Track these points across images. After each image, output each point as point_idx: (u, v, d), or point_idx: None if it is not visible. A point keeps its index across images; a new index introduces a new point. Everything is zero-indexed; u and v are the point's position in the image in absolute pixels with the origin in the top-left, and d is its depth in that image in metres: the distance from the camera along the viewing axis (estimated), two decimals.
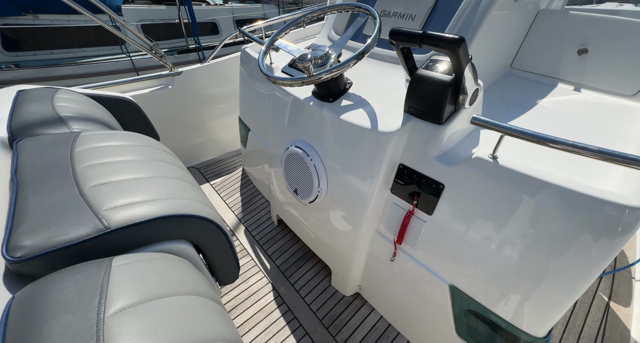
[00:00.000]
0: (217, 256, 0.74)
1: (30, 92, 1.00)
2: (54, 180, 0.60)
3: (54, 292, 0.40)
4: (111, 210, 0.55)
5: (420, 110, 0.76)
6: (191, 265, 0.58)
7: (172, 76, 1.88)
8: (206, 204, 0.72)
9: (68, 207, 0.53)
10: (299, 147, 1.05)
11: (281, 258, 1.49)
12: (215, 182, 2.05)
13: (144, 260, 0.49)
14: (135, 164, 0.72)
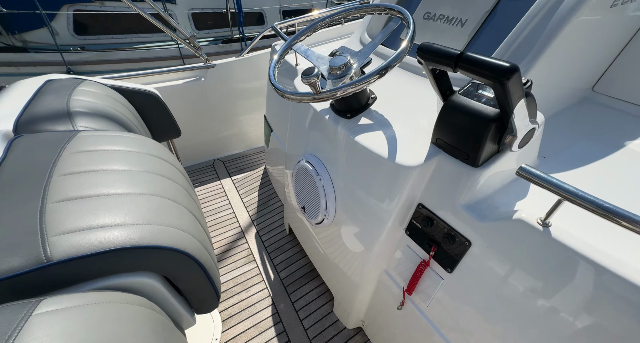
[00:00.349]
0: (190, 288, 0.66)
1: (56, 82, 1.01)
2: (23, 190, 0.55)
3: None
4: (62, 235, 0.48)
5: (452, 146, 0.60)
6: (146, 306, 0.50)
7: (205, 69, 1.87)
8: (186, 230, 0.64)
9: (18, 228, 0.48)
10: (310, 162, 0.93)
11: (286, 271, 1.41)
12: (236, 178, 2.03)
13: (79, 306, 0.41)
14: (119, 176, 0.66)
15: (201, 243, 0.68)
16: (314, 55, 0.81)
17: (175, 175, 0.82)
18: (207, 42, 4.69)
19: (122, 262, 0.51)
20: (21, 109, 0.83)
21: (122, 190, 0.61)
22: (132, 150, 0.76)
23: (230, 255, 1.49)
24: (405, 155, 0.66)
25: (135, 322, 0.45)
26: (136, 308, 0.48)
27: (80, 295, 0.43)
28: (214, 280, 0.69)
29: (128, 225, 0.54)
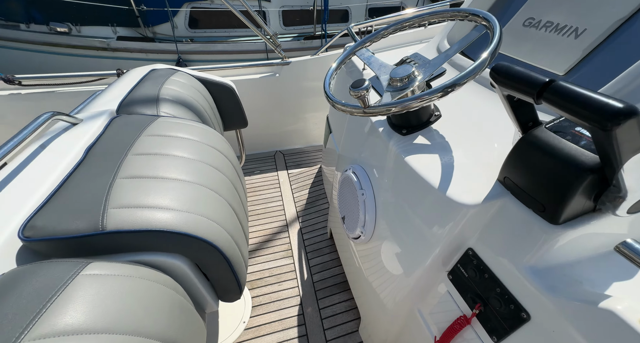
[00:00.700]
0: (216, 276, 0.70)
1: (157, 71, 1.20)
2: (105, 162, 0.65)
3: (18, 283, 0.41)
4: (118, 209, 0.55)
5: (524, 191, 0.46)
6: (170, 287, 0.55)
7: (281, 65, 1.97)
8: (220, 223, 0.68)
9: (90, 196, 0.56)
10: (356, 173, 0.88)
11: (320, 275, 1.40)
12: (292, 172, 2.11)
13: (114, 275, 0.47)
14: (176, 162, 0.72)
15: (232, 237, 0.71)
16: (377, 62, 0.74)
17: (226, 167, 0.88)
18: (290, 38, 4.96)
19: (159, 242, 0.57)
20: (126, 93, 1.00)
21: (175, 176, 0.67)
22: (194, 139, 0.84)
23: (270, 245, 1.56)
24: (462, 188, 0.55)
25: (156, 299, 0.50)
26: (161, 287, 0.53)
27: (118, 266, 0.49)
28: (238, 274, 0.72)
29: (171, 210, 0.59)
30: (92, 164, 0.65)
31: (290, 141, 2.37)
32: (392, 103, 0.57)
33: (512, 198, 0.49)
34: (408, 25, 0.76)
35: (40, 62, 4.33)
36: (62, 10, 4.21)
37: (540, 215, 0.45)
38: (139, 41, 4.36)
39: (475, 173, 0.58)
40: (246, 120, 1.55)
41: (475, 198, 0.52)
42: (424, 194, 0.62)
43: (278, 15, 4.95)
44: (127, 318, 0.43)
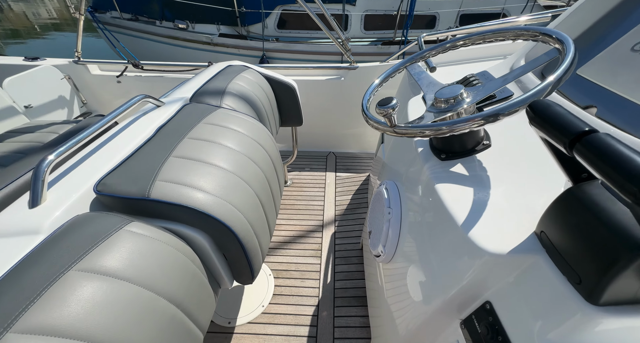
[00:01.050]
0: (232, 258, 0.77)
1: (231, 67, 1.36)
2: (167, 141, 0.77)
3: (82, 225, 0.53)
4: (163, 182, 0.65)
5: (559, 253, 0.37)
6: (189, 258, 0.63)
7: (347, 69, 1.99)
8: (244, 212, 0.73)
9: (146, 168, 0.68)
10: (388, 190, 0.84)
11: (342, 283, 1.39)
12: (340, 175, 2.13)
13: (147, 236, 0.56)
14: (222, 151, 0.80)
15: (252, 227, 0.77)
16: (427, 79, 0.69)
17: (264, 163, 0.94)
18: (368, 42, 4.94)
19: (187, 216, 0.66)
20: (201, 84, 1.17)
21: (216, 163, 0.76)
22: (243, 132, 0.93)
23: (303, 241, 1.61)
24: (489, 232, 0.48)
25: (175, 265, 0.58)
26: (181, 256, 0.61)
27: (152, 229, 0.59)
28: (252, 262, 0.78)
29: (203, 192, 0.68)
30: (157, 141, 0.79)
31: (345, 144, 2.39)
32: (423, 126, 0.53)
33: (545, 257, 0.41)
34: (461, 44, 0.68)
35: (163, 51, 5.37)
36: (185, 11, 5.14)
37: (575, 288, 0.36)
38: (234, 38, 4.99)
39: (510, 219, 0.50)
40: (302, 119, 1.63)
41: (502, 247, 0.45)
42: (447, 229, 0.56)
43: (360, 19, 4.98)
44: (147, 274, 0.52)
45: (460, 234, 0.51)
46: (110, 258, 0.50)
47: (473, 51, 1.41)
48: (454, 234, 0.54)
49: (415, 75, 0.74)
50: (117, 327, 0.45)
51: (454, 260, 0.54)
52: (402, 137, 0.95)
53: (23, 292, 0.42)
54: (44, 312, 0.41)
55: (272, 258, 1.52)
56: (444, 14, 5.09)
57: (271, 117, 1.39)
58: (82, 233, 0.51)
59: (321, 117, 2.23)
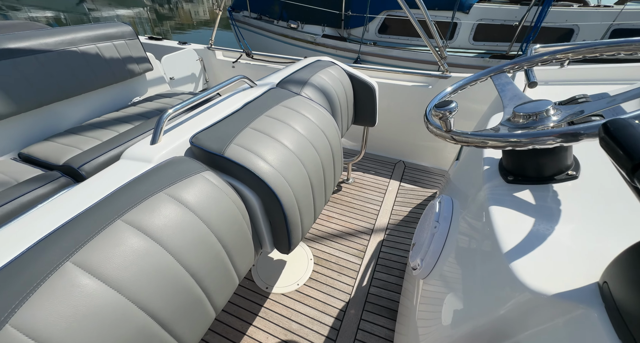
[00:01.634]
0: (276, 226, 0.86)
1: (320, 62, 1.46)
2: (246, 115, 0.92)
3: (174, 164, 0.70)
4: (236, 146, 0.78)
5: (620, 313, 0.30)
6: (242, 213, 0.75)
7: (437, 78, 1.88)
8: (293, 187, 0.81)
9: (227, 133, 0.82)
10: (441, 203, 0.79)
11: (377, 291, 1.36)
12: (404, 186, 2.05)
13: (216, 185, 0.70)
14: (290, 132, 0.91)
15: (297, 202, 0.85)
16: (512, 92, 0.61)
17: (324, 151, 1.01)
18: (474, 54, 4.45)
19: (248, 178, 0.78)
20: (289, 73, 1.32)
21: (282, 141, 0.87)
22: (312, 120, 1.01)
23: (349, 239, 1.64)
24: (539, 271, 0.41)
25: (229, 214, 0.71)
26: (235, 208, 0.74)
27: (219, 180, 0.73)
28: (291, 233, 0.86)
29: (265, 162, 0.79)
30: (242, 113, 0.95)
31: (418, 156, 2.28)
32: (483, 135, 0.49)
33: (602, 312, 0.33)
34: (563, 57, 0.58)
35: (274, 47, 6.13)
36: (298, 12, 5.72)
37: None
38: (335, 39, 5.27)
39: (571, 261, 0.42)
40: (375, 120, 1.63)
41: (549, 287, 0.39)
42: (491, 256, 0.51)
43: (471, 28, 4.54)
44: (207, 212, 0.66)
45: (502, 263, 0.46)
46: (186, 192, 0.65)
47: (598, 72, 1.15)
48: (496, 262, 0.49)
49: (498, 86, 0.67)
50: (180, 243, 0.60)
51: (492, 289, 0.49)
52: (471, 149, 0.87)
53: (131, 198, 0.60)
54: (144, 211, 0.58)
55: (317, 245, 1.59)
56: (587, 28, 4.08)
57: (344, 112, 1.45)
58: (174, 169, 0.69)
59: (398, 123, 2.17)
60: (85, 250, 0.49)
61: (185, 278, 0.60)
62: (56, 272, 0.45)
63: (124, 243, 0.53)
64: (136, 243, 0.54)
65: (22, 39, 1.44)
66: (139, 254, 0.53)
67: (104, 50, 1.74)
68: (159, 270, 0.55)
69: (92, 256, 0.49)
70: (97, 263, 0.49)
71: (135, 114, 1.75)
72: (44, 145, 1.44)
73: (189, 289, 0.61)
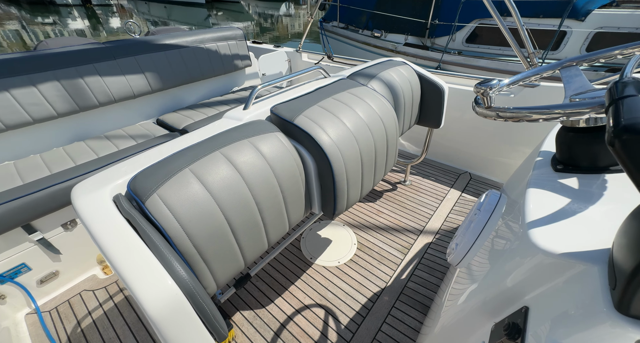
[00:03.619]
0: (325, 190, 0.99)
1: (392, 61, 1.54)
2: (316, 97, 1.08)
3: (254, 124, 0.91)
4: (304, 117, 0.95)
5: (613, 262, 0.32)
6: (299, 171, 0.92)
7: (521, 86, 1.74)
8: (345, 161, 0.94)
9: (300, 107, 1.00)
10: (488, 196, 0.79)
11: (415, 287, 1.37)
12: (466, 197, 1.95)
13: (285, 146, 0.88)
14: (352, 116, 1.03)
15: (347, 173, 0.97)
16: (578, 83, 0.59)
17: (379, 138, 1.11)
18: (584, 67, 3.73)
19: (310, 145, 0.93)
20: (362, 68, 1.44)
21: (344, 121, 1.01)
22: (374, 108, 1.12)
23: (396, 234, 1.67)
24: (556, 236, 0.43)
25: (290, 169, 0.89)
26: (295, 166, 0.91)
27: (287, 142, 0.91)
28: (337, 199, 0.99)
29: (326, 134, 0.94)
30: (314, 95, 1.13)
31: (489, 170, 2.12)
32: (529, 108, 0.50)
33: (602, 268, 0.35)
34: None
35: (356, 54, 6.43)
36: (384, 22, 5.86)
37: (610, 293, 0.31)
38: (416, 48, 5.20)
39: (592, 233, 0.42)
40: (440, 122, 1.63)
41: (559, 248, 0.41)
42: (516, 232, 0.53)
43: (585, 37, 3.83)
44: (274, 162, 0.85)
45: (523, 233, 0.49)
46: (262, 143, 0.86)
47: None
48: (517, 235, 0.52)
49: (565, 77, 0.65)
50: (253, 179, 0.80)
51: (509, 262, 0.52)
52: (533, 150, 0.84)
53: (226, 140, 0.83)
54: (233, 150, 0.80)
55: (362, 233, 1.68)
56: None
57: (408, 110, 1.51)
58: (256, 127, 0.91)
59: (470, 133, 2.08)
60: (197, 164, 0.73)
61: (252, 205, 0.80)
62: (180, 173, 0.70)
63: (219, 166, 0.76)
64: (225, 169, 0.77)
65: (172, 38, 2.00)
66: (226, 177, 0.76)
67: (221, 48, 2.23)
68: (237, 192, 0.77)
69: (200, 169, 0.73)
70: (203, 174, 0.73)
71: (233, 99, 2.17)
72: (172, 115, 1.95)
73: (253, 215, 0.81)
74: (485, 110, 0.61)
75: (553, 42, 3.81)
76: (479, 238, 0.75)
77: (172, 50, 1.97)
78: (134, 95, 1.82)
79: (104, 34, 12.35)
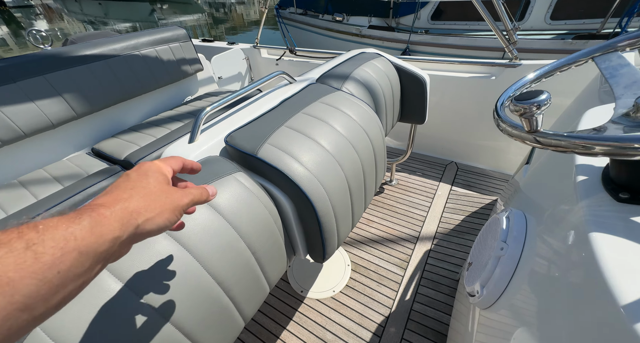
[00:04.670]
0: (310, 233, 0.80)
1: (364, 54, 1.33)
2: (283, 113, 0.86)
3: (209, 163, 0.68)
4: (270, 146, 0.73)
5: None
6: (274, 218, 0.70)
7: (503, 67, 1.60)
8: (329, 192, 0.74)
9: (262, 132, 0.77)
10: (510, 219, 0.63)
11: (422, 308, 1.22)
12: (456, 190, 1.83)
13: (248, 189, 0.66)
14: (328, 131, 0.82)
15: (333, 209, 0.77)
16: (629, 77, 0.43)
17: (365, 153, 0.91)
18: (551, 36, 3.73)
19: (281, 181, 0.73)
20: (330, 68, 1.22)
21: (320, 141, 0.79)
22: (353, 118, 0.91)
23: (391, 246, 1.51)
24: None
25: (260, 218, 0.67)
26: (267, 214, 0.69)
27: (252, 183, 0.69)
28: (326, 242, 0.79)
29: (300, 164, 0.73)
30: (278, 110, 0.89)
31: (474, 157, 2.01)
32: (594, 138, 0.34)
33: None
34: None
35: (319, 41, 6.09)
36: (344, 4, 5.55)
37: None
38: (382, 30, 4.99)
39: None
40: (424, 118, 1.46)
41: None
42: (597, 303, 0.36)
43: (549, 4, 3.80)
44: (237, 216, 0.62)
45: (619, 318, 0.32)
46: (218, 193, 0.62)
47: None
48: (605, 312, 0.34)
49: (606, 70, 0.48)
50: (207, 249, 0.57)
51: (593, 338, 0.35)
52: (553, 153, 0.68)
53: None
54: None
55: (355, 250, 1.50)
56: None
57: (390, 109, 1.31)
58: (206, 169, 0.67)
59: (452, 120, 1.93)
60: None
61: (212, 286, 0.57)
62: None
63: (155, 244, 0.51)
64: (163, 248, 0.52)
65: (95, 46, 1.62)
66: (165, 258, 0.52)
67: (162, 53, 1.88)
68: (184, 277, 0.53)
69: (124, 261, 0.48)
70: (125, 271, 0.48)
71: (186, 113, 1.86)
72: (111, 141, 1.61)
73: (216, 298, 0.58)
74: (527, 134, 0.43)
75: (520, 12, 3.76)
76: (514, 278, 0.59)
77: (98, 62, 1.60)
78: (53, 124, 1.45)
79: None
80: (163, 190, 0.30)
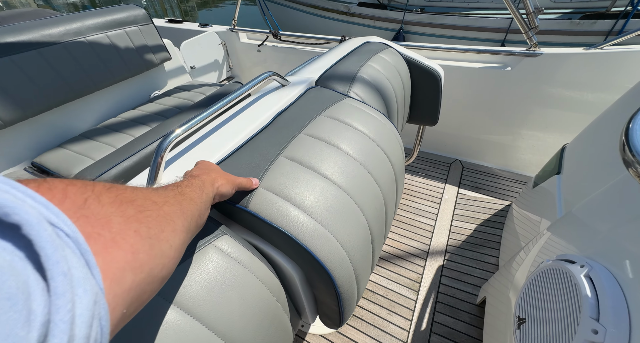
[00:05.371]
0: (322, 299, 0.62)
1: (369, 45, 1.08)
2: (279, 134, 0.63)
3: None
4: (266, 191, 0.52)
5: None
6: (275, 293, 0.52)
7: (521, 56, 1.40)
8: (347, 248, 0.55)
9: (253, 167, 0.56)
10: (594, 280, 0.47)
11: (440, 340, 1.09)
12: (465, 193, 1.67)
13: (236, 261, 0.46)
14: (340, 159, 0.62)
15: (355, 270, 0.58)
16: None
17: (386, 178, 0.71)
18: (556, 16, 3.50)
19: (282, 242, 0.52)
20: (331, 64, 0.97)
21: (328, 174, 0.59)
22: (368, 134, 0.71)
23: (400, 264, 1.35)
24: None
25: (256, 303, 0.48)
26: (266, 291, 0.50)
27: (242, 250, 0.49)
28: (344, 309, 0.60)
29: (306, 214, 0.52)
30: (272, 131, 0.66)
31: (480, 154, 1.85)
32: None
33: None
34: None
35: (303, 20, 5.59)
36: None
37: None
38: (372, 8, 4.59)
39: None
40: (437, 119, 1.26)
41: None
42: None
43: None
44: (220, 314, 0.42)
45: None
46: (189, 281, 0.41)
47: None
48: None
49: None
50: None
51: None
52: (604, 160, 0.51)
53: None
54: None
55: None
56: None
57: (401, 110, 1.10)
58: None
59: (459, 114, 1.74)
60: None
61: None
62: None
63: None
64: None
65: (22, 31, 1.25)
66: None
67: (115, 39, 1.52)
68: None
69: None
70: None
71: (153, 113, 1.55)
72: (57, 153, 1.30)
73: None
74: None
75: None
76: None
77: (27, 52, 1.24)
78: None
79: None
80: (224, 173, 0.48)
